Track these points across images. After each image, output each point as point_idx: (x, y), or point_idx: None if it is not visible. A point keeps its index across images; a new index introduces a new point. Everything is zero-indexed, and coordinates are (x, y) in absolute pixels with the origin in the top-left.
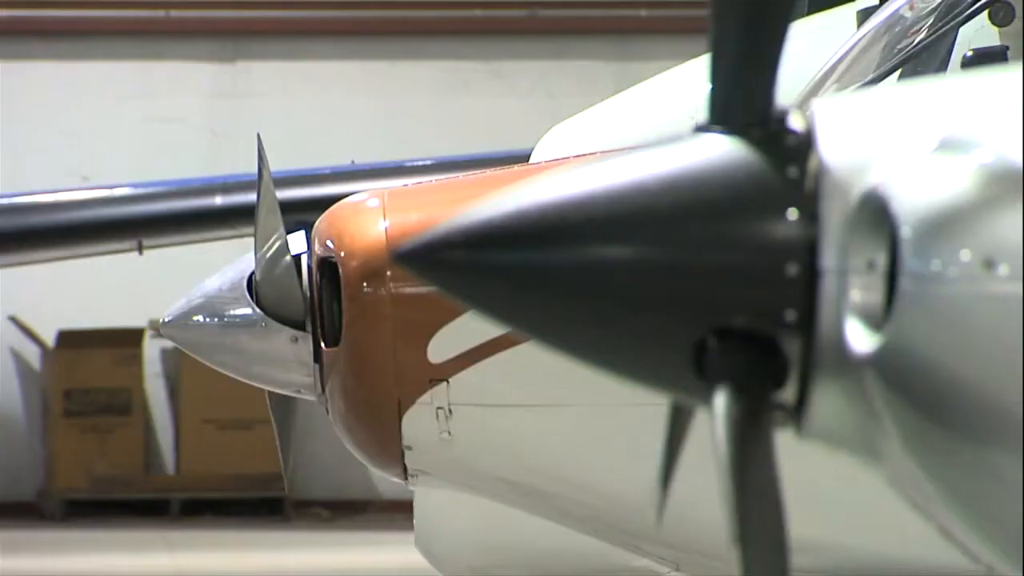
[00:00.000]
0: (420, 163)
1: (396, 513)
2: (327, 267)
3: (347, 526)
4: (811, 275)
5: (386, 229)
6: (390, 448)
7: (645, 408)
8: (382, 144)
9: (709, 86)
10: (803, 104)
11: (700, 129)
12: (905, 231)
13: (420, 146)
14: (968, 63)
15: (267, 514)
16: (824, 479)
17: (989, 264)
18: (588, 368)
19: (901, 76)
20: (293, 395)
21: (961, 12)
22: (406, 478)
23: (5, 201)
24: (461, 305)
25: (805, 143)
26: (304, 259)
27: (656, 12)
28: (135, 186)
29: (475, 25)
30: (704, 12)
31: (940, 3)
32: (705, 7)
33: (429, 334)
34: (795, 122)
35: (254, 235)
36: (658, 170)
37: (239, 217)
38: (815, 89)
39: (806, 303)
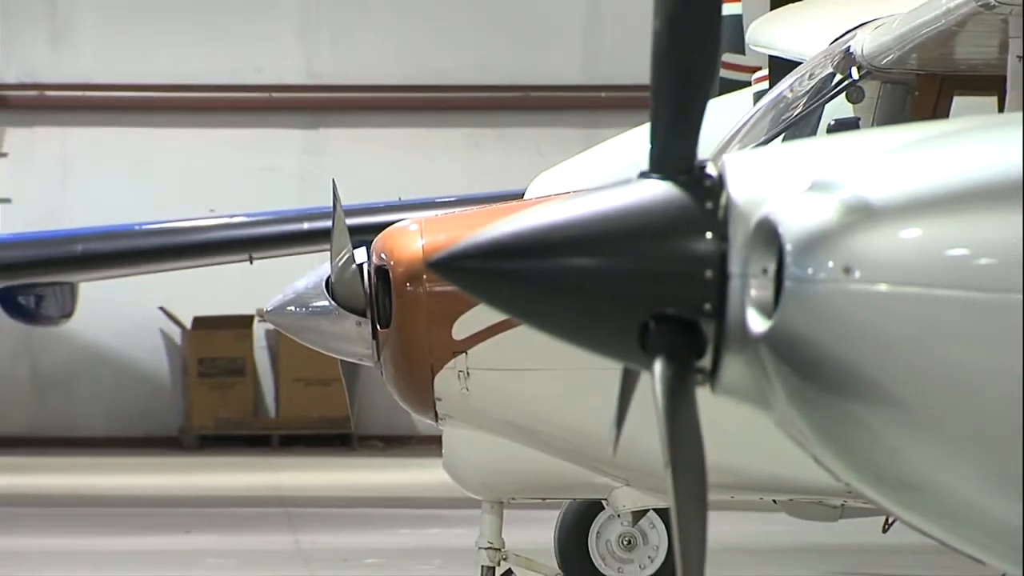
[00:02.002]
0: (446, 199)
1: (431, 445)
2: (381, 272)
3: (395, 454)
4: (722, 278)
5: (423, 246)
6: (425, 399)
7: (605, 371)
8: (420, 186)
9: (649, 145)
10: (716, 158)
11: (643, 175)
12: (788, 247)
13: (446, 187)
14: (831, 129)
15: (339, 445)
16: (730, 422)
17: (848, 270)
18: (564, 343)
19: (784, 138)
20: (357, 362)
21: (826, 93)
22: (437, 420)
23: (156, 226)
24: (475, 299)
25: (718, 185)
26: (365, 267)
27: (612, 94)
28: (247, 215)
29: (486, 103)
30: (646, 94)
31: (811, 87)
32: (647, 90)
33: (453, 319)
34: (711, 170)
35: (330, 250)
36: (614, 203)
37: (320, 237)
38: (724, 147)
39: (719, 297)
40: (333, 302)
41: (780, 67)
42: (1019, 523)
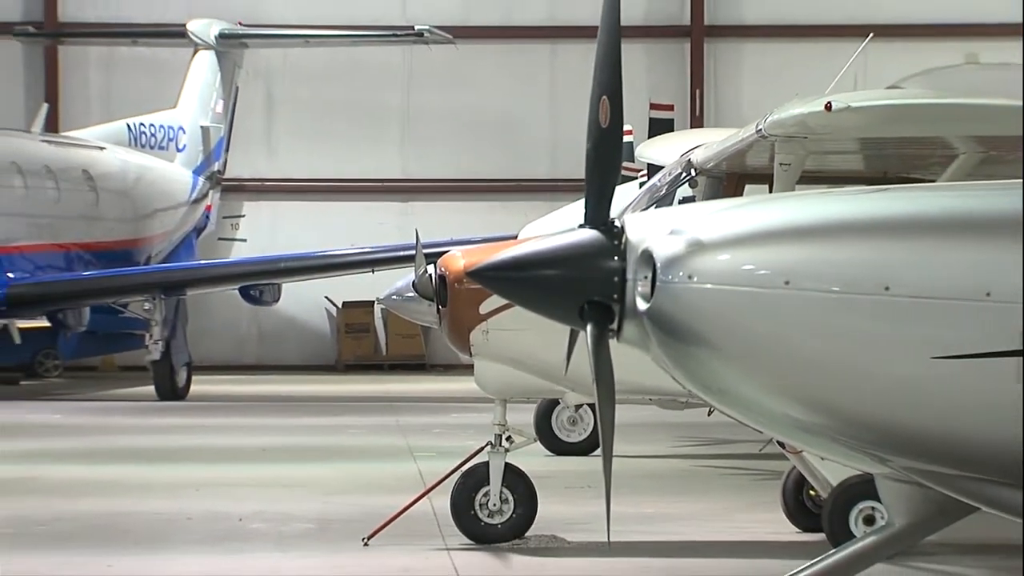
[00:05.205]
0: (475, 239)
1: (468, 369)
2: (441, 278)
3: (450, 375)
4: (623, 281)
5: (463, 264)
6: (466, 346)
7: (560, 331)
8: (462, 232)
9: (584, 210)
10: (620, 217)
11: (581, 226)
12: (658, 264)
13: (475, 233)
14: (680, 203)
15: (419, 369)
16: (627, 358)
17: (690, 276)
18: (538, 315)
19: (656, 207)
20: (429, 326)
21: (677, 183)
22: (472, 356)
23: (322, 253)
24: (491, 292)
25: (621, 231)
26: (433, 274)
27: (566, 183)
28: (371, 247)
29: (497, 188)
30: (583, 182)
31: (670, 179)
32: (584, 181)
33: (479, 302)
34: (618, 224)
35: (414, 266)
36: (565, 241)
37: (409, 259)
38: (624, 211)
39: (621, 292)
40: (416, 293)
41: (653, 169)
42: (782, 411)
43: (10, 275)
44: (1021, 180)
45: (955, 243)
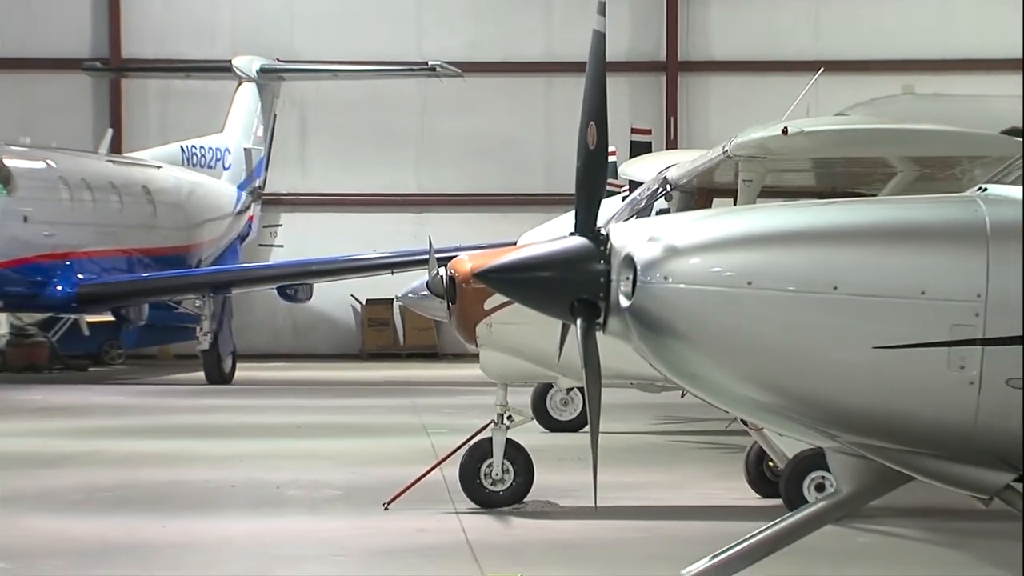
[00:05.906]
0: (480, 244)
1: (474, 358)
2: (451, 279)
3: (459, 362)
4: (608, 281)
5: (470, 266)
6: (472, 337)
7: (553, 324)
8: (469, 239)
9: (575, 220)
10: (606, 226)
11: (572, 234)
12: (639, 266)
13: (481, 240)
14: (657, 214)
15: (432, 357)
16: (612, 348)
17: (666, 277)
18: (534, 310)
19: (636, 217)
20: (441, 320)
21: (655, 196)
22: (477, 347)
23: (348, 257)
24: (494, 290)
25: (607, 238)
26: (444, 275)
27: (559, 196)
28: (390, 252)
29: (500, 202)
30: (573, 196)
31: (648, 194)
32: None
33: (484, 300)
34: (604, 232)
35: (428, 268)
36: (558, 247)
37: (423, 263)
38: (609, 220)
39: (607, 291)
40: (430, 292)
41: (634, 185)
42: (745, 394)
43: (80, 276)
44: (954, 194)
45: (894, 249)
